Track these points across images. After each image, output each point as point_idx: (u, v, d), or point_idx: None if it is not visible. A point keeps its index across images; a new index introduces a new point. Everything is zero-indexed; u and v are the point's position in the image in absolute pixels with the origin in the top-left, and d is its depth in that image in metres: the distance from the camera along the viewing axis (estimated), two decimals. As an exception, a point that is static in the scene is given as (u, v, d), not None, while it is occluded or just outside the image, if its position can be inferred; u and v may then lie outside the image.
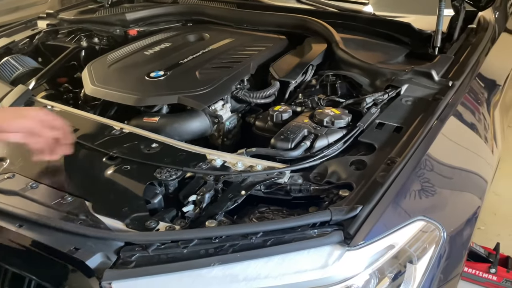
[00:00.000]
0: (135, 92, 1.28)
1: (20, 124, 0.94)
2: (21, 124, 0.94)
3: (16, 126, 0.94)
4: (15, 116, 0.96)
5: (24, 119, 0.95)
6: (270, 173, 0.98)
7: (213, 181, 0.97)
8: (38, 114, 0.97)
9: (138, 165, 1.02)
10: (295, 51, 1.52)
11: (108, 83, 1.35)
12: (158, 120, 1.23)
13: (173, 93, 1.26)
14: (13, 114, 0.97)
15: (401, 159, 0.93)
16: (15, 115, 0.96)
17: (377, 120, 1.10)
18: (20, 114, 0.97)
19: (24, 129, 0.94)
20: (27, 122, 0.95)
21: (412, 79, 1.23)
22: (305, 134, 1.08)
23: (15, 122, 0.94)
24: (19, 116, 0.96)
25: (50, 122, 0.98)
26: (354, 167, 0.97)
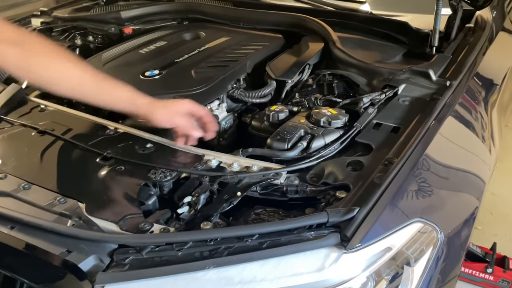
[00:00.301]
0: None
1: (175, 123, 1.07)
2: (176, 123, 1.07)
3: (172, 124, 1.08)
4: (169, 116, 1.07)
5: (178, 118, 1.07)
6: (266, 174, 0.97)
7: (208, 182, 0.96)
8: (186, 108, 1.08)
9: (132, 166, 1.00)
10: (292, 50, 1.51)
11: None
12: (153, 120, 1.21)
13: (168, 93, 1.24)
14: (167, 114, 1.07)
15: (399, 159, 0.92)
16: (169, 114, 1.07)
17: (374, 120, 1.09)
18: (173, 112, 1.07)
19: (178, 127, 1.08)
20: (180, 120, 1.07)
21: (409, 78, 1.22)
22: (302, 135, 1.07)
23: (169, 122, 1.07)
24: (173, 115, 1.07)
25: (196, 112, 1.10)
26: (351, 168, 0.96)
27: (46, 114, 1.24)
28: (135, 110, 1.06)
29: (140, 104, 1.05)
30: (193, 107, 1.09)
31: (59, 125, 1.16)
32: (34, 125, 1.16)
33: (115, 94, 1.05)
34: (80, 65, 1.04)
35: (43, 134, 1.13)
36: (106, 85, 1.05)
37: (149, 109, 1.05)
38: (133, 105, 1.05)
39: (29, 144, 1.10)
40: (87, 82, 1.03)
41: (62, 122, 1.18)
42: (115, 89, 1.05)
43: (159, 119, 1.06)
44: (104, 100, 1.07)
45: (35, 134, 1.13)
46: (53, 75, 1.02)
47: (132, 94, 1.06)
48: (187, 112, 1.08)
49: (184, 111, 1.08)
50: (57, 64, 1.02)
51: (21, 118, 1.21)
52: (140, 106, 1.05)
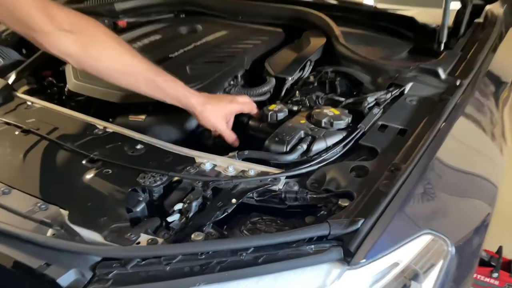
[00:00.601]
0: (120, 88, 1.19)
1: (219, 129, 1.09)
2: (219, 129, 1.09)
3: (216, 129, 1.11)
4: (215, 120, 1.08)
5: (222, 124, 1.09)
6: (263, 180, 0.90)
7: (201, 187, 0.89)
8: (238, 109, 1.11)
9: (120, 169, 0.94)
10: (292, 46, 1.44)
11: (93, 78, 1.26)
12: (145, 119, 1.15)
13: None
14: (214, 118, 1.08)
15: (406, 165, 0.85)
16: (216, 119, 1.08)
17: (379, 121, 1.02)
18: (221, 116, 1.09)
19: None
20: (224, 128, 1.09)
21: (417, 77, 1.15)
22: (302, 136, 1.00)
23: (213, 127, 1.09)
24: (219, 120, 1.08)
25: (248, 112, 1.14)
26: (354, 173, 0.89)
27: (32, 112, 1.18)
28: (187, 108, 1.07)
29: (191, 104, 1.06)
30: (246, 108, 1.12)
31: (45, 124, 1.10)
32: (18, 123, 1.09)
33: (167, 90, 1.05)
34: (136, 57, 1.03)
35: (27, 133, 1.06)
36: (159, 81, 1.03)
37: (199, 109, 1.06)
38: (184, 103, 1.06)
39: (11, 144, 1.03)
40: (141, 76, 1.03)
41: (49, 121, 1.12)
42: (168, 85, 1.04)
43: (205, 123, 1.09)
44: (156, 96, 1.06)
45: (18, 134, 1.07)
46: (110, 65, 1.01)
47: (184, 93, 1.05)
48: (238, 112, 1.11)
49: (236, 111, 1.10)
50: (115, 54, 1.01)
51: (5, 116, 1.14)
52: (190, 105, 1.06)
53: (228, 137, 1.09)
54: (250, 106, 1.13)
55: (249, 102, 1.13)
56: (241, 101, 1.12)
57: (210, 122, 1.07)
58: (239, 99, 1.12)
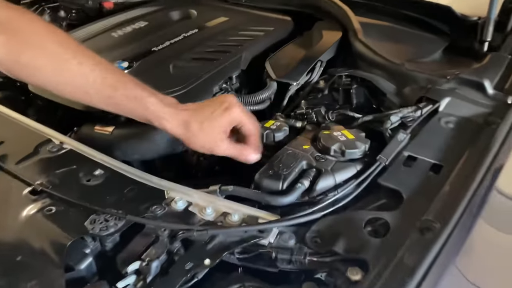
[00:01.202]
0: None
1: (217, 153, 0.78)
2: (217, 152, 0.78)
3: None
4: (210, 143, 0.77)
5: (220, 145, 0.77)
6: (249, 231, 0.68)
7: (167, 237, 0.68)
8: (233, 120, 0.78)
9: (67, 207, 0.73)
10: (301, 40, 1.19)
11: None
12: (113, 131, 0.93)
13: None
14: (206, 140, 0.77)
15: (443, 225, 0.62)
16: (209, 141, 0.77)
17: (405, 151, 0.78)
18: (214, 136, 0.77)
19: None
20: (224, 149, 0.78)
21: (455, 90, 0.90)
22: (304, 168, 0.78)
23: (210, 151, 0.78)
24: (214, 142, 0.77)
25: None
26: (370, 229, 0.67)
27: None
28: (166, 130, 0.78)
29: (169, 128, 0.77)
30: (241, 119, 0.78)
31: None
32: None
33: (131, 108, 0.77)
34: (87, 63, 0.76)
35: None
36: (118, 96, 0.76)
37: (183, 134, 0.77)
38: (158, 125, 0.78)
39: None
40: (93, 90, 0.76)
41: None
42: (130, 102, 0.76)
43: (197, 149, 0.79)
44: (120, 113, 0.81)
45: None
46: (51, 77, 0.77)
47: (155, 112, 0.76)
48: (233, 125, 0.78)
49: (230, 125, 0.78)
50: (57, 61, 0.76)
51: None
52: (169, 129, 0.77)
53: (240, 156, 0.78)
54: (247, 119, 0.79)
55: (244, 112, 0.79)
56: (237, 109, 0.77)
57: (205, 148, 0.77)
58: (233, 103, 0.77)
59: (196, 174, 0.98)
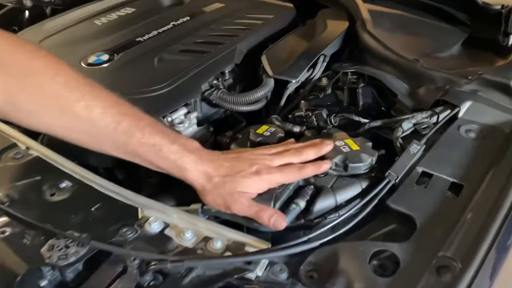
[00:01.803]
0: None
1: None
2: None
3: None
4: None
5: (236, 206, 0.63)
6: (233, 263, 0.58)
7: (137, 268, 0.58)
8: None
9: (24, 228, 0.63)
10: (302, 31, 1.07)
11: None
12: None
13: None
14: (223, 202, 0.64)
15: (464, 265, 0.52)
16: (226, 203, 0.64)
17: (419, 166, 0.67)
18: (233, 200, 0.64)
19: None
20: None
21: (478, 92, 0.79)
22: (299, 185, 0.67)
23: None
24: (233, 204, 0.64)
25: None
26: (377, 264, 0.56)
27: None
28: (186, 181, 0.67)
29: (192, 178, 0.65)
30: (261, 186, 0.65)
31: None
32: None
33: (149, 157, 0.65)
34: (98, 106, 0.62)
35: None
36: (134, 143, 0.64)
37: (202, 184, 0.65)
38: (179, 175, 0.66)
39: None
40: (105, 137, 0.64)
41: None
42: (148, 150, 0.64)
43: (212, 203, 0.65)
44: (139, 162, 0.67)
45: None
46: (51, 121, 0.64)
47: (176, 160, 0.64)
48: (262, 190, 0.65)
49: (257, 190, 0.65)
50: (58, 106, 0.62)
51: None
52: (191, 179, 0.65)
53: (258, 218, 0.63)
54: (295, 175, 0.66)
55: (294, 170, 0.65)
56: (269, 175, 0.64)
57: (224, 205, 0.64)
58: (265, 167, 0.65)
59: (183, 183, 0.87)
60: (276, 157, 0.66)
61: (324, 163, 0.66)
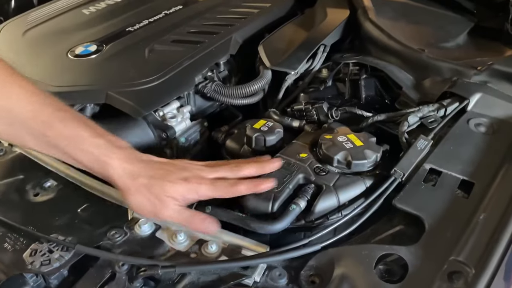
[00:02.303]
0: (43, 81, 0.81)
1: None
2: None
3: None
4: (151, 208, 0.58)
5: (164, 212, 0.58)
6: (228, 268, 0.54)
7: (126, 273, 0.54)
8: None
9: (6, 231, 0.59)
10: (301, 20, 1.02)
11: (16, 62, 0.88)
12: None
13: (101, 86, 0.79)
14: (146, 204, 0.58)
15: (479, 270, 0.48)
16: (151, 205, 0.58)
17: (427, 163, 0.63)
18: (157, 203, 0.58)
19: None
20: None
21: (487, 83, 0.74)
22: (300, 183, 0.63)
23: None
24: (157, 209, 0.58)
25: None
26: (383, 269, 0.53)
27: None
28: (108, 179, 0.60)
29: (114, 174, 0.58)
30: (218, 193, 0.59)
31: None
32: None
33: (69, 151, 0.58)
34: (14, 94, 0.57)
35: None
36: (52, 136, 0.58)
37: (126, 183, 0.58)
38: (103, 171, 0.59)
39: None
40: (23, 128, 0.58)
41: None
42: (68, 143, 0.58)
43: (135, 208, 0.59)
44: (62, 158, 0.61)
45: None
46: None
47: (97, 156, 0.58)
48: (189, 199, 0.59)
49: (184, 196, 0.58)
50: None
51: None
52: (114, 176, 0.58)
53: (191, 224, 0.58)
54: (227, 190, 0.59)
55: (227, 185, 0.59)
56: (207, 175, 0.59)
57: (152, 210, 0.58)
58: (196, 177, 0.59)
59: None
60: (210, 169, 0.60)
61: (264, 182, 0.59)
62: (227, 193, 0.59)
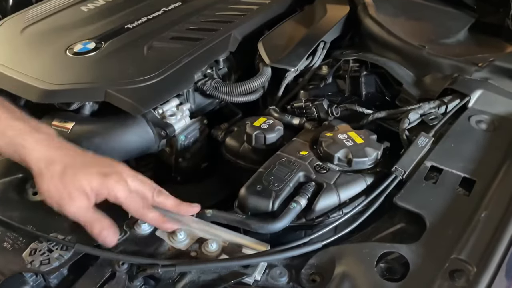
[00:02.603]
0: (43, 79, 0.81)
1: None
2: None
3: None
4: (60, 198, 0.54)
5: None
6: (228, 267, 0.54)
7: (126, 273, 0.54)
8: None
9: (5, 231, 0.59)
10: (300, 16, 1.02)
11: (13, 60, 0.89)
12: (72, 128, 0.78)
13: (99, 84, 0.79)
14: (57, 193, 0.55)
15: (480, 269, 0.48)
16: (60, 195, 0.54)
17: (428, 161, 0.63)
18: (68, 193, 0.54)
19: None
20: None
21: (488, 80, 0.74)
22: (300, 181, 0.63)
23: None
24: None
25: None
26: (384, 267, 0.52)
27: None
28: (24, 164, 0.56)
29: (30, 159, 0.55)
30: (115, 196, 0.56)
31: None
32: None
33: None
34: None
35: None
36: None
37: (40, 168, 0.55)
38: (18, 156, 0.56)
39: None
40: None
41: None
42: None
43: (45, 195, 0.55)
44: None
45: None
46: None
47: (19, 136, 0.55)
48: (100, 196, 0.56)
49: (95, 192, 0.55)
50: None
51: None
52: (29, 160, 0.55)
53: (92, 228, 0.55)
54: (137, 208, 0.57)
55: (139, 202, 0.57)
56: (119, 185, 0.56)
57: (53, 199, 0.55)
58: (118, 175, 0.56)
59: (175, 178, 0.83)
60: (134, 177, 0.57)
61: (168, 224, 0.57)
62: (136, 211, 0.57)
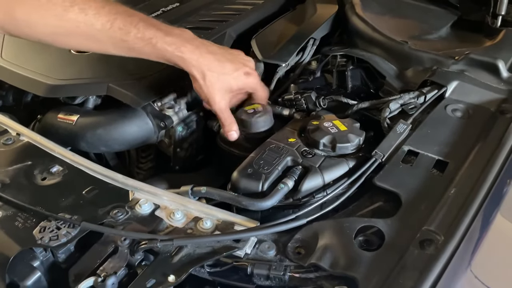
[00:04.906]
0: (48, 74, 0.87)
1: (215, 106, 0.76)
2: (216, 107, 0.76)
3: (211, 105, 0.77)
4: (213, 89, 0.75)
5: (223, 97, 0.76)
6: (222, 241, 0.59)
7: (128, 248, 0.59)
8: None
9: (16, 211, 0.64)
10: (292, 15, 1.07)
11: (20, 56, 0.94)
12: (77, 121, 0.83)
13: (102, 79, 0.84)
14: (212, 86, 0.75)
15: (447, 238, 0.53)
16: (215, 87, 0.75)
17: (406, 145, 0.68)
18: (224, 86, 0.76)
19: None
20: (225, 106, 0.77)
21: (465, 72, 0.79)
22: (288, 165, 0.68)
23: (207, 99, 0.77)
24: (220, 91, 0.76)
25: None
26: (362, 240, 0.58)
27: None
28: (183, 69, 0.75)
29: (189, 68, 0.74)
30: (255, 87, 0.79)
31: None
32: None
33: (147, 51, 0.73)
34: (90, 9, 0.69)
35: None
36: (131, 40, 0.71)
37: (198, 78, 0.74)
38: (179, 64, 0.74)
39: None
40: (104, 37, 0.71)
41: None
42: (145, 44, 0.71)
43: (201, 95, 0.77)
44: (139, 55, 0.75)
45: None
46: (51, 30, 0.70)
47: (172, 51, 0.72)
48: (245, 91, 0.80)
49: (242, 90, 0.79)
50: (54, 14, 0.69)
51: None
52: (188, 68, 0.74)
53: (225, 121, 0.76)
54: (263, 93, 0.81)
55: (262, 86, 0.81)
56: (255, 78, 0.78)
57: (206, 97, 0.76)
58: (253, 69, 0.79)
59: (174, 167, 0.88)
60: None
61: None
62: (263, 93, 0.80)
